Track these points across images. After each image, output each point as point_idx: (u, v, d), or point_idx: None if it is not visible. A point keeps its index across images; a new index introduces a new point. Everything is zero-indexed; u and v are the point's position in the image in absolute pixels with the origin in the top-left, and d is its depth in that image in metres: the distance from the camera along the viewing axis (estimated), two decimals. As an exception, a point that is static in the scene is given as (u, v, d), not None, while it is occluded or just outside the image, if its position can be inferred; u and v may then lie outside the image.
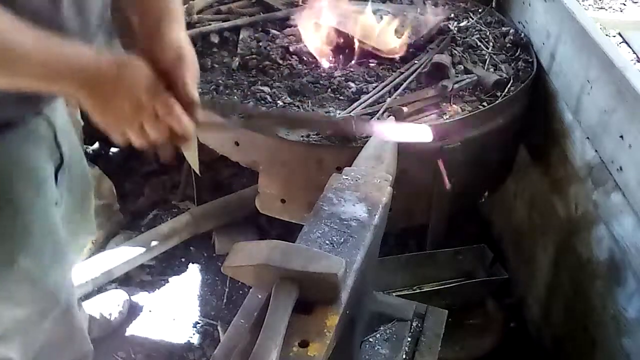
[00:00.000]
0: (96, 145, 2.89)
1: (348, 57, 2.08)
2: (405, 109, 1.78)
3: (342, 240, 1.16)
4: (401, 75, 1.97)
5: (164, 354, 2.14)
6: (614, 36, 3.74)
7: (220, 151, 1.87)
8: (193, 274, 2.43)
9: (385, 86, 1.91)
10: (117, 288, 2.30)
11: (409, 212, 1.91)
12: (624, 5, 4.14)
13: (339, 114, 1.78)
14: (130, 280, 2.36)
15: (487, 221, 2.59)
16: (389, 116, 1.71)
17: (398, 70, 2.01)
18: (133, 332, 2.19)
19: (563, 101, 1.94)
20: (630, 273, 1.60)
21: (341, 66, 2.04)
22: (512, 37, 2.17)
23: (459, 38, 2.16)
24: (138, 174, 2.81)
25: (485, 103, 1.89)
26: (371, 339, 1.47)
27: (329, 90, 1.93)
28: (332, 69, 2.02)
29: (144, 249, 2.33)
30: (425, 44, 2.12)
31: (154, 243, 2.36)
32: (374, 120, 1.22)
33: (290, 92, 1.91)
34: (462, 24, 2.25)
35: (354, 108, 1.81)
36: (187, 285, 2.39)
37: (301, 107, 1.85)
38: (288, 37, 2.17)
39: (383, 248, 1.39)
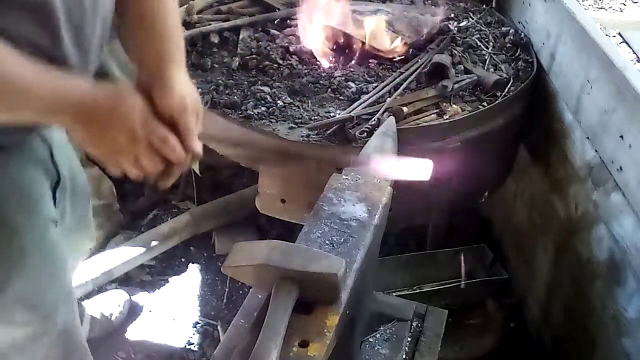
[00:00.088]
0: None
1: (348, 57, 2.08)
2: (405, 109, 1.79)
3: (342, 240, 1.16)
4: (401, 75, 1.97)
5: (164, 354, 2.14)
6: (614, 36, 3.74)
7: (220, 151, 1.87)
8: (193, 274, 2.43)
9: (385, 86, 1.91)
10: (117, 288, 2.30)
11: (409, 212, 1.91)
12: (624, 5, 4.14)
13: (339, 114, 1.78)
14: (130, 280, 2.36)
15: (487, 221, 2.59)
16: (389, 116, 1.70)
17: (398, 70, 2.01)
18: (133, 332, 2.19)
19: (563, 101, 1.93)
20: (630, 273, 1.60)
21: (341, 66, 2.04)
22: (512, 37, 2.17)
23: (459, 38, 2.16)
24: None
25: (485, 103, 1.89)
26: (371, 339, 1.47)
27: (329, 90, 1.93)
28: (332, 69, 2.02)
29: (144, 249, 2.33)
30: (425, 44, 2.12)
31: (154, 243, 2.36)
32: (373, 156, 1.22)
33: (290, 92, 1.91)
34: (462, 24, 2.24)
35: (354, 108, 1.81)
36: (187, 285, 2.39)
37: (301, 107, 1.85)
38: (288, 37, 2.17)
39: (383, 248, 1.39)
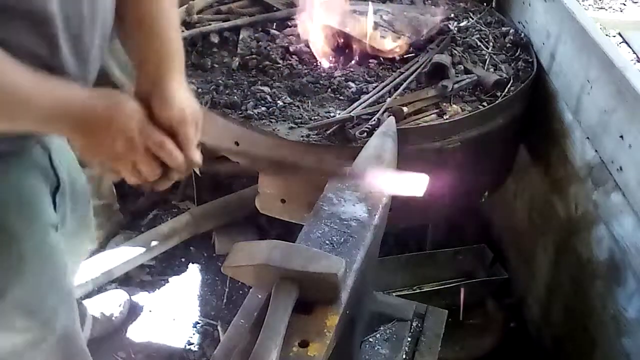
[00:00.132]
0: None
1: (348, 57, 2.08)
2: (405, 109, 1.79)
3: (342, 240, 1.16)
4: (401, 75, 1.97)
5: (164, 354, 2.14)
6: (614, 36, 3.74)
7: (220, 151, 1.87)
8: (193, 274, 2.43)
9: (385, 86, 1.91)
10: (117, 288, 2.30)
11: (409, 212, 1.90)
12: (624, 5, 4.14)
13: (339, 114, 1.78)
14: (130, 280, 2.36)
15: (487, 221, 2.58)
16: (389, 116, 1.70)
17: (398, 70, 2.01)
18: (133, 332, 2.19)
19: (563, 101, 1.93)
20: (630, 273, 1.60)
21: (341, 66, 2.04)
22: (512, 37, 2.17)
23: (459, 38, 2.16)
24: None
25: (485, 103, 1.89)
26: (371, 339, 1.47)
27: (329, 90, 1.93)
28: (332, 69, 2.02)
29: (144, 249, 2.33)
30: (425, 44, 2.12)
31: (154, 243, 2.36)
32: (368, 169, 1.21)
33: (290, 92, 1.91)
34: (462, 24, 2.24)
35: (354, 108, 1.81)
36: (187, 285, 2.39)
37: (301, 107, 1.85)
38: (288, 37, 2.17)
39: (383, 248, 1.39)
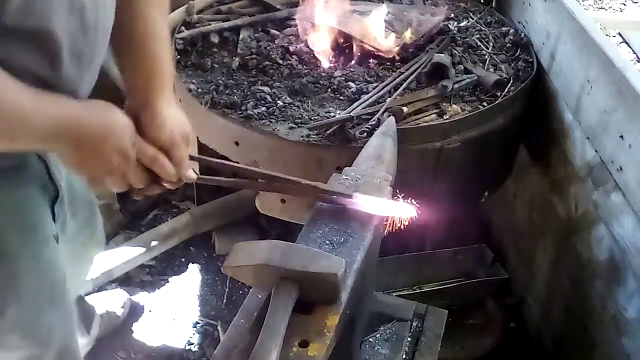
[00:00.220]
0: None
1: (348, 57, 2.08)
2: (405, 109, 1.79)
3: (342, 240, 1.16)
4: (401, 75, 1.97)
5: (164, 354, 2.14)
6: (614, 36, 3.74)
7: (220, 151, 1.87)
8: (193, 274, 2.43)
9: (385, 86, 1.91)
10: (117, 288, 2.29)
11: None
12: (624, 5, 4.15)
13: (339, 114, 1.78)
14: (130, 280, 2.36)
15: (487, 221, 2.58)
16: (389, 116, 1.70)
17: (398, 70, 2.01)
18: (133, 332, 2.19)
19: (563, 101, 1.93)
20: (630, 273, 1.60)
21: (341, 66, 2.04)
22: (512, 37, 2.17)
23: (459, 38, 2.16)
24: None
25: (485, 103, 1.89)
26: (371, 339, 1.47)
27: (329, 90, 1.93)
28: (332, 69, 2.02)
29: (144, 249, 2.33)
30: (425, 44, 2.12)
31: (154, 243, 2.36)
32: (355, 195, 1.22)
33: (290, 92, 1.91)
34: (462, 24, 2.24)
35: (354, 108, 1.81)
36: (187, 285, 2.39)
37: (301, 107, 1.85)
38: (288, 37, 2.17)
39: (383, 248, 1.39)
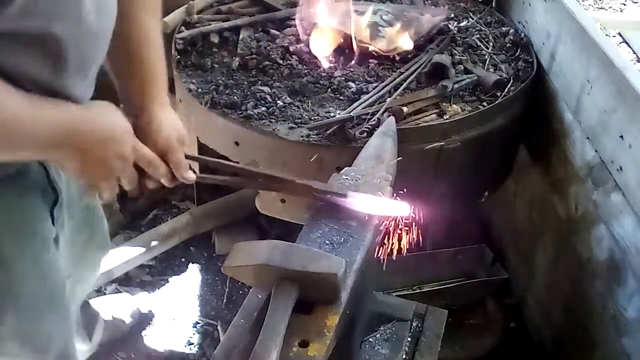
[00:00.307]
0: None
1: (348, 57, 2.08)
2: (405, 109, 1.79)
3: (342, 240, 1.16)
4: (401, 75, 1.97)
5: (164, 354, 2.14)
6: (614, 36, 3.74)
7: (220, 151, 1.87)
8: (193, 274, 2.43)
9: (385, 86, 1.91)
10: (117, 288, 2.30)
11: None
12: (624, 5, 4.15)
13: (339, 114, 1.78)
14: (130, 280, 2.36)
15: (487, 221, 2.58)
16: (389, 116, 1.70)
17: (398, 70, 2.01)
18: (133, 332, 2.19)
19: (563, 101, 1.93)
20: (630, 273, 1.60)
21: (341, 66, 2.04)
22: (512, 37, 2.17)
23: (459, 38, 2.16)
24: (138, 174, 2.81)
25: (485, 103, 1.89)
26: (371, 339, 1.47)
27: (329, 90, 1.93)
28: (332, 69, 2.02)
29: (144, 249, 2.33)
30: (425, 44, 2.12)
31: (154, 243, 2.36)
32: (350, 193, 1.22)
33: (290, 92, 1.91)
34: (462, 24, 2.24)
35: (354, 108, 1.81)
36: (187, 285, 2.39)
37: (301, 107, 1.85)
38: (288, 37, 2.17)
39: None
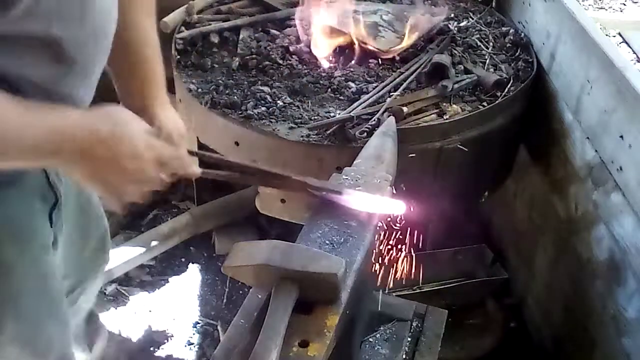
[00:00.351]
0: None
1: (348, 57, 2.08)
2: (405, 109, 1.79)
3: (342, 240, 1.16)
4: (401, 75, 1.97)
5: (164, 354, 2.14)
6: (614, 36, 3.74)
7: (220, 151, 1.87)
8: (193, 274, 2.43)
9: (385, 86, 1.91)
10: (117, 288, 2.30)
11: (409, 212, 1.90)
12: (624, 5, 4.15)
13: (339, 114, 1.78)
14: (130, 280, 2.36)
15: (487, 221, 2.58)
16: (389, 116, 1.70)
17: (398, 70, 2.01)
18: (133, 332, 2.19)
19: (563, 101, 1.93)
20: (630, 273, 1.60)
21: (341, 66, 2.04)
22: (512, 37, 2.17)
23: (459, 38, 2.16)
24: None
25: (485, 103, 1.89)
26: (371, 339, 1.47)
27: (329, 90, 1.93)
28: (332, 69, 2.02)
29: (144, 249, 2.33)
30: (425, 44, 2.12)
31: (154, 243, 2.36)
32: (345, 190, 1.23)
33: (290, 92, 1.91)
34: (462, 24, 2.24)
35: (354, 108, 1.81)
36: (187, 285, 2.39)
37: (301, 107, 1.85)
38: (288, 37, 2.17)
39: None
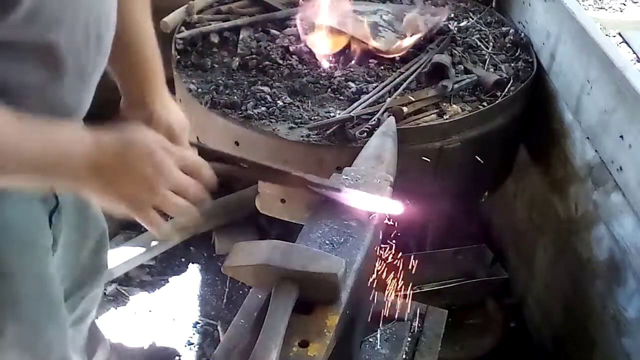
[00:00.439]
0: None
1: (348, 57, 2.08)
2: (405, 109, 1.79)
3: (342, 240, 1.16)
4: (401, 75, 1.97)
5: (164, 354, 2.14)
6: (614, 36, 3.74)
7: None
8: (193, 274, 2.43)
9: (385, 86, 1.91)
10: (117, 288, 2.30)
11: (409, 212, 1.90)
12: (624, 5, 4.14)
13: (339, 114, 1.78)
14: (130, 280, 2.36)
15: (487, 221, 2.58)
16: (389, 116, 1.70)
17: (398, 70, 2.01)
18: (133, 333, 2.19)
19: (563, 101, 1.93)
20: (630, 273, 1.60)
21: (341, 66, 2.04)
22: (512, 37, 2.17)
23: (459, 38, 2.16)
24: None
25: (485, 103, 1.89)
26: (371, 339, 1.47)
27: (329, 90, 1.93)
28: (332, 69, 2.02)
29: (144, 249, 2.33)
30: (425, 44, 2.12)
31: (154, 243, 2.36)
32: (344, 189, 1.23)
33: (290, 92, 1.91)
34: (462, 24, 2.24)
35: (354, 108, 1.81)
36: (187, 285, 2.39)
37: (301, 107, 1.85)
38: (288, 37, 2.16)
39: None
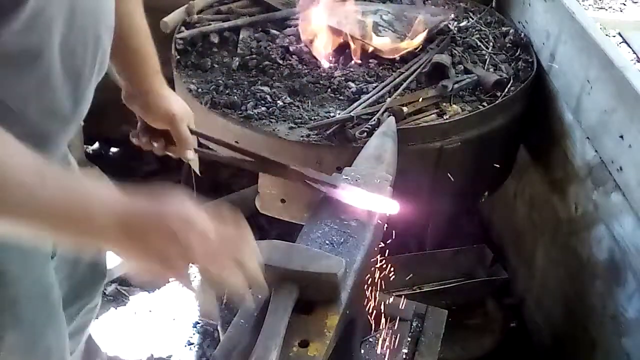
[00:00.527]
0: (96, 145, 2.89)
1: (348, 57, 2.08)
2: (405, 109, 1.79)
3: (342, 240, 1.16)
4: (401, 75, 1.97)
5: (164, 354, 2.14)
6: (614, 36, 3.74)
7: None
8: (193, 274, 2.43)
9: (385, 86, 1.91)
10: (117, 288, 2.29)
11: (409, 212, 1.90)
12: (624, 5, 4.15)
13: (339, 114, 1.78)
14: (130, 280, 2.36)
15: (487, 221, 2.58)
16: (389, 116, 1.71)
17: (398, 70, 2.01)
18: (133, 333, 2.19)
19: (563, 101, 1.93)
20: (630, 273, 1.60)
21: (341, 66, 2.04)
22: (512, 37, 2.17)
23: (459, 38, 2.16)
24: (138, 174, 2.81)
25: (485, 103, 1.89)
26: (371, 339, 1.47)
27: (329, 90, 1.93)
28: (332, 69, 2.02)
29: (144, 249, 2.32)
30: (425, 44, 2.12)
31: (154, 243, 2.35)
32: (343, 186, 1.25)
33: (290, 92, 1.91)
34: (462, 24, 2.24)
35: (354, 108, 1.81)
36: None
37: (301, 107, 1.85)
38: (288, 37, 2.16)
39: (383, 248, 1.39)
